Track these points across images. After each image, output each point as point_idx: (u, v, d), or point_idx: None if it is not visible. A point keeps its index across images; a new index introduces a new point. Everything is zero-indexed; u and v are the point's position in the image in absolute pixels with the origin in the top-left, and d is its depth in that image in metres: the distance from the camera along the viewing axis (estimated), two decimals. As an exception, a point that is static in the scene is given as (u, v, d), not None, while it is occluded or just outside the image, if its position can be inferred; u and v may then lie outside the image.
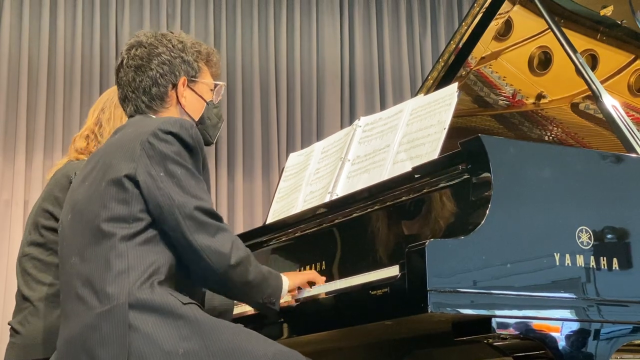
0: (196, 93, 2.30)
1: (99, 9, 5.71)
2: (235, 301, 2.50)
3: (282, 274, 2.24)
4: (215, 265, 2.03)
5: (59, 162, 2.84)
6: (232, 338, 1.96)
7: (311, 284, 2.33)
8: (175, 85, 2.25)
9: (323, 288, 2.26)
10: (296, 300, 2.32)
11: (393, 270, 2.02)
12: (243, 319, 2.51)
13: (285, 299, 2.37)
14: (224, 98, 5.93)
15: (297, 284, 2.29)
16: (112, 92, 2.84)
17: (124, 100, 2.28)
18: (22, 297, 2.62)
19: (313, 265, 2.56)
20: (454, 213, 2.20)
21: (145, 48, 2.24)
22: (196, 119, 2.30)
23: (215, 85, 2.36)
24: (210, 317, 2.00)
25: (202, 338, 1.94)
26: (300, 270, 2.58)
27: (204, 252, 2.02)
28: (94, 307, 1.97)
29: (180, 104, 2.27)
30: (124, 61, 2.26)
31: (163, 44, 2.25)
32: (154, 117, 2.22)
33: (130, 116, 2.29)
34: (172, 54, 2.25)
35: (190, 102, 2.29)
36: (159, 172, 2.03)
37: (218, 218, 2.08)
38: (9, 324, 2.63)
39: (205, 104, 2.32)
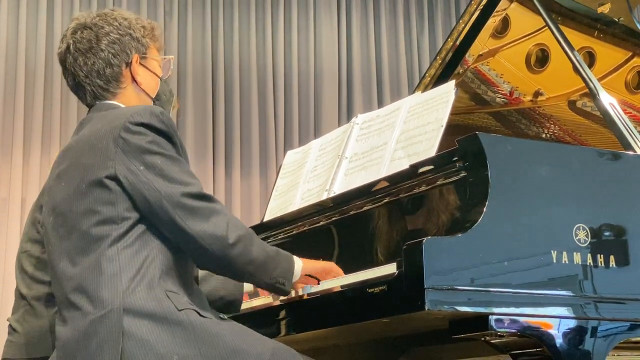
0: (149, 70, 2.24)
1: (96, 6, 5.71)
2: (244, 291, 2.49)
3: (296, 257, 2.19)
4: (214, 248, 2.00)
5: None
6: (228, 340, 1.94)
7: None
8: (128, 64, 2.19)
9: (320, 286, 2.26)
10: (292, 299, 2.33)
11: (390, 268, 2.02)
12: (243, 316, 2.51)
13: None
14: (222, 96, 5.97)
15: (312, 270, 2.24)
16: None
17: (76, 87, 2.21)
18: (19, 295, 2.62)
19: (310, 262, 2.55)
20: (451, 210, 2.20)
21: (92, 29, 2.18)
22: (153, 96, 2.26)
23: (164, 60, 2.31)
24: (206, 321, 1.97)
25: (197, 344, 1.91)
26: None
27: (200, 237, 1.98)
28: (88, 312, 1.94)
29: (136, 82, 2.21)
30: (71, 46, 2.18)
31: (109, 23, 2.18)
32: (121, 105, 2.17)
33: (89, 105, 2.23)
34: (120, 32, 2.18)
35: (145, 79, 2.23)
36: (139, 167, 1.99)
37: (208, 199, 2.03)
38: (7, 320, 2.63)
39: (159, 79, 2.28)
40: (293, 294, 2.33)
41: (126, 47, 2.19)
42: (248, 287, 2.52)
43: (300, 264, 2.19)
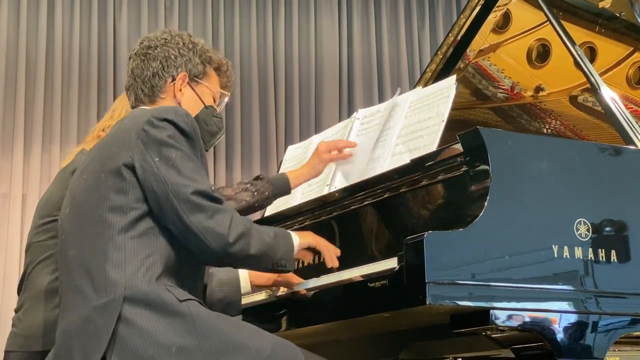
0: (196, 93, 2.33)
1: (96, 3, 5.71)
2: (242, 293, 2.49)
3: (292, 232, 2.24)
4: (214, 246, 2.03)
5: (75, 149, 2.82)
6: (228, 334, 1.95)
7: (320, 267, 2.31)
8: (174, 79, 2.29)
9: (321, 280, 2.26)
10: (293, 293, 2.33)
11: (391, 263, 2.02)
12: (244, 311, 2.51)
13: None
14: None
15: (308, 242, 2.27)
16: None
17: (128, 88, 2.33)
18: (24, 287, 2.62)
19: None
20: (452, 205, 2.20)
21: (157, 40, 2.31)
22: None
23: (222, 95, 2.40)
24: (207, 313, 1.98)
25: (196, 336, 1.92)
26: (300, 266, 2.57)
27: (202, 234, 2.02)
28: (90, 299, 1.97)
29: (176, 98, 2.29)
30: (135, 50, 2.33)
31: (175, 41, 2.32)
32: (149, 108, 2.23)
33: (132, 107, 2.32)
34: (181, 50, 2.30)
35: (187, 99, 2.31)
36: (154, 158, 2.03)
37: (215, 199, 2.06)
38: (15, 310, 2.63)
39: (203, 106, 2.35)
40: (296, 288, 2.33)
41: (178, 63, 2.29)
42: (245, 288, 2.52)
43: (297, 240, 2.23)
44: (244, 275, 2.48)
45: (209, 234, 2.02)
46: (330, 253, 2.30)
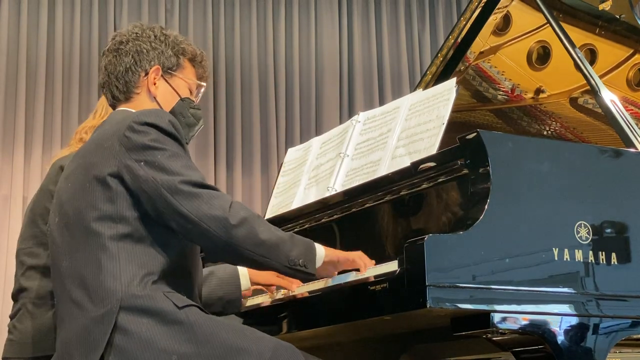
0: (170, 86, 2.29)
1: (97, 4, 5.72)
2: (242, 292, 2.49)
3: (316, 243, 2.14)
4: (217, 231, 1.97)
5: (61, 153, 2.81)
6: (228, 339, 1.94)
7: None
8: (147, 73, 2.26)
9: (321, 283, 2.26)
10: (294, 296, 2.33)
11: (392, 266, 2.02)
12: (245, 314, 2.51)
13: (283, 292, 2.36)
14: (224, 94, 5.97)
15: (335, 258, 2.16)
16: None
17: (102, 85, 2.30)
18: (17, 295, 2.62)
19: (312, 260, 2.54)
20: (452, 208, 2.20)
21: (128, 35, 2.28)
22: (166, 111, 2.26)
23: (198, 86, 2.36)
24: (206, 319, 1.97)
25: (196, 343, 1.91)
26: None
27: (201, 220, 1.97)
28: (88, 310, 1.95)
29: (150, 92, 2.26)
30: (107, 47, 2.31)
31: (146, 34, 2.28)
32: (132, 110, 2.20)
33: (111, 105, 2.31)
34: (152, 44, 2.27)
35: (162, 93, 2.28)
36: (140, 162, 2.01)
37: (209, 187, 2.03)
38: (10, 317, 2.63)
39: (179, 99, 2.31)
40: (297, 290, 2.33)
41: (150, 56, 2.26)
42: (245, 285, 2.52)
43: (322, 249, 2.14)
44: (244, 273, 2.48)
45: (208, 219, 1.97)
46: (366, 265, 2.20)
